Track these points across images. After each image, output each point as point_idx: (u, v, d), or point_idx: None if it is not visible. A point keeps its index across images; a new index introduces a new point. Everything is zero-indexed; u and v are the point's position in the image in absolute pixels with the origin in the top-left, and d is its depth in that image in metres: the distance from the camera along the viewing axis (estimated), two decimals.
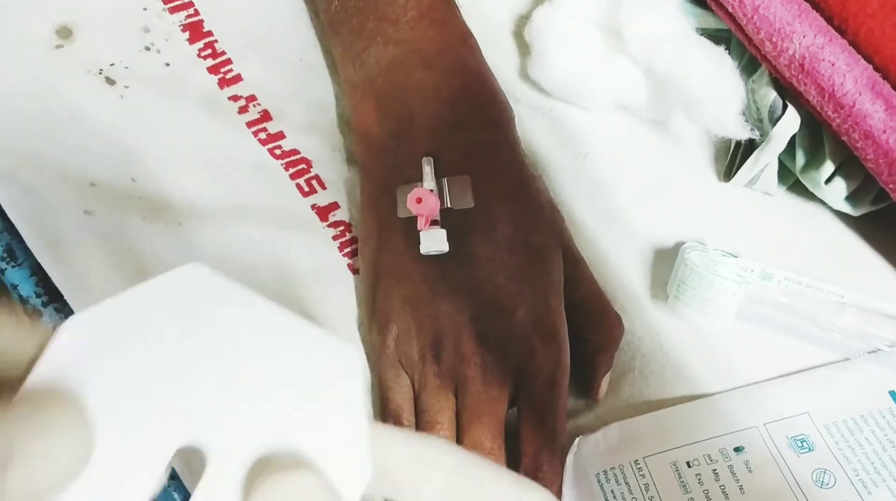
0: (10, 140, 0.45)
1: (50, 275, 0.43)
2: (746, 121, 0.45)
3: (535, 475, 0.40)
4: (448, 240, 0.39)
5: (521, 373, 0.40)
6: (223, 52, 0.49)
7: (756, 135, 0.45)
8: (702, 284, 0.42)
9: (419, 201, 0.38)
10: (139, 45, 0.48)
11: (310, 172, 0.46)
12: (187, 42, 0.49)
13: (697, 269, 0.43)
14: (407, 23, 0.44)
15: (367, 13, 0.44)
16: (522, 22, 0.49)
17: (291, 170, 0.46)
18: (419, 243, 0.39)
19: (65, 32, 0.47)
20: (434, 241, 0.39)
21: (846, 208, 0.46)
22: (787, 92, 0.44)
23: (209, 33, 0.50)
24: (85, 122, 0.46)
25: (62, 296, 0.42)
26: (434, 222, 0.39)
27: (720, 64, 0.44)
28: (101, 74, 0.47)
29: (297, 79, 0.47)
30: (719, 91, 0.44)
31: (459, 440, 0.40)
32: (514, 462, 0.40)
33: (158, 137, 0.46)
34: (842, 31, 0.41)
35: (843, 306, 0.44)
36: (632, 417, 0.41)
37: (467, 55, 0.45)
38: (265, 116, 0.48)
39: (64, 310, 0.42)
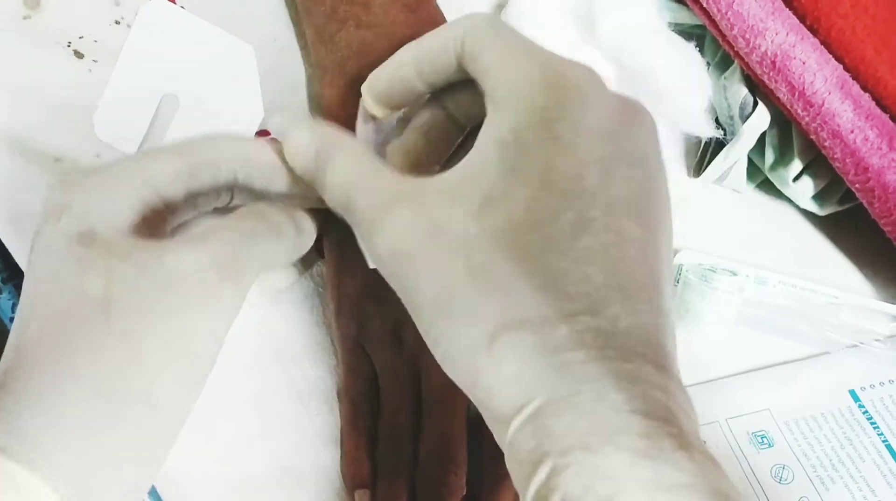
0: None
1: (10, 250, 0.42)
2: (712, 118, 0.45)
3: (497, 462, 0.40)
4: None
5: None
6: None
7: (720, 133, 0.45)
8: (695, 296, 0.43)
9: None
10: (109, 19, 0.47)
11: None
12: None
13: (691, 284, 0.43)
14: (379, 6, 0.43)
15: None
16: (497, 10, 0.48)
17: None
18: None
19: (32, 2, 0.46)
20: None
21: (813, 207, 0.47)
22: (759, 89, 0.44)
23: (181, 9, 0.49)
24: (51, 95, 0.45)
25: (23, 274, 0.41)
26: None
27: (689, 60, 0.44)
28: (69, 46, 0.46)
29: (269, 59, 0.47)
30: (686, 87, 0.44)
31: (422, 426, 0.40)
32: (475, 449, 0.40)
33: None
34: (814, 31, 0.42)
35: (838, 305, 0.45)
36: None
37: None
38: None
39: None
